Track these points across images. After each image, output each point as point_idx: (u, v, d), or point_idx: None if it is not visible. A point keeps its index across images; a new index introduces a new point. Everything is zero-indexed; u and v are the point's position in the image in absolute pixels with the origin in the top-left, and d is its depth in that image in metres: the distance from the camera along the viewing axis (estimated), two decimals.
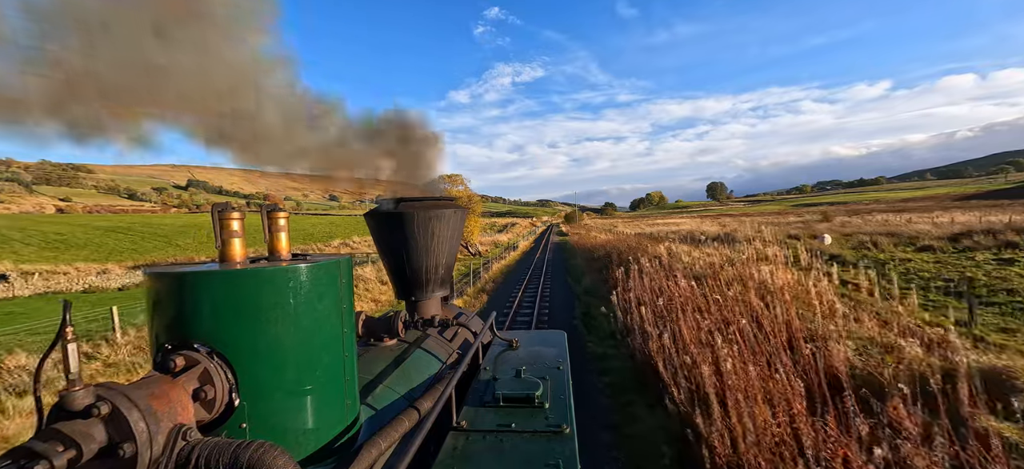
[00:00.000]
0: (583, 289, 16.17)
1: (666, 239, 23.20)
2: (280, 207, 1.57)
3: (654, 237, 28.41)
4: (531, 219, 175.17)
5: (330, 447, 1.46)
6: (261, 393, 1.30)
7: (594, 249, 25.16)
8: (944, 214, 33.08)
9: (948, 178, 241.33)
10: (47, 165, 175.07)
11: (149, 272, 1.30)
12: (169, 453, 1.03)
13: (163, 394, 1.09)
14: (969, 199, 73.53)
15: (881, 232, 21.35)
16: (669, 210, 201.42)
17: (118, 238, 51.62)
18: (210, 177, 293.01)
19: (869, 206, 65.26)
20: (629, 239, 24.83)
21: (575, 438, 1.74)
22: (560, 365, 2.47)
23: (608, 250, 21.06)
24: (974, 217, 25.93)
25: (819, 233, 23.40)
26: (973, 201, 65.00)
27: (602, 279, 15.92)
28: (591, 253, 24.58)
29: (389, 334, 2.47)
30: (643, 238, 25.31)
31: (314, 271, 1.39)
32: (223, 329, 1.25)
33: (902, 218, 31.51)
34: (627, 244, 21.11)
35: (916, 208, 52.56)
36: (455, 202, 2.91)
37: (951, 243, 16.99)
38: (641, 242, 21.15)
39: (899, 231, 21.16)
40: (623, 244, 21.70)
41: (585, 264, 22.70)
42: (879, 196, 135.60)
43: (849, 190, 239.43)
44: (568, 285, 18.01)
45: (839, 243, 20.33)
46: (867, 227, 25.51)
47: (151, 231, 58.76)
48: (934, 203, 66.89)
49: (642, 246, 18.51)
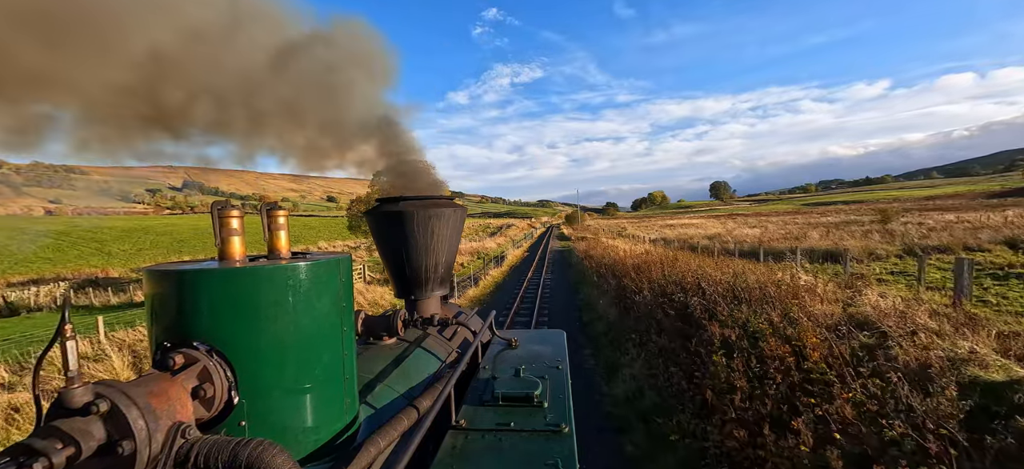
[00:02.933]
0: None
1: (714, 250, 18.73)
2: (279, 206, 1.57)
3: (689, 244, 23.09)
4: (529, 220, 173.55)
5: (329, 445, 1.46)
6: (260, 391, 1.30)
7: (619, 270, 14.10)
8: (993, 212, 29.71)
9: (954, 176, 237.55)
10: (39, 166, 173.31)
11: (148, 270, 1.30)
12: (168, 451, 1.02)
13: (162, 392, 1.09)
14: (1002, 197, 66.64)
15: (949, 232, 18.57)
16: (673, 210, 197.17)
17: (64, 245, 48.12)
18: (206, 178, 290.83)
19: (905, 204, 59.81)
20: (666, 254, 14.96)
21: (574, 437, 1.74)
22: (559, 364, 2.48)
23: (648, 272, 11.42)
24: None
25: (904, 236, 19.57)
26: (1009, 198, 59.13)
27: (669, 355, 6.85)
28: (616, 277, 13.55)
29: (388, 333, 2.46)
30: (681, 250, 18.12)
31: (313, 269, 1.39)
32: (222, 327, 1.25)
33: (973, 216, 27.02)
34: (676, 263, 11.65)
35: (953, 207, 47.65)
36: (454, 201, 2.92)
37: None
38: (689, 259, 12.68)
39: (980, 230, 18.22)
40: (668, 262, 11.87)
41: (617, 314, 10.79)
42: (895, 194, 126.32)
43: (855, 189, 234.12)
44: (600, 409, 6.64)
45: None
46: (942, 228, 21.82)
47: (93, 236, 54.94)
48: (966, 201, 61.67)
49: (708, 272, 9.18)
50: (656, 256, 14.45)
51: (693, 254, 16.07)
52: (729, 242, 24.42)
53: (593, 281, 16.52)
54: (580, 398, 6.57)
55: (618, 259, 16.45)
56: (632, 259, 15.14)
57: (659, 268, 11.50)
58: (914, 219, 29.98)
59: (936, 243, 17.95)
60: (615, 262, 16.13)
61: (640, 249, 19.13)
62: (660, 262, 12.35)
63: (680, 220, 69.43)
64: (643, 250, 18.29)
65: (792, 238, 24.02)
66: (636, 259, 14.77)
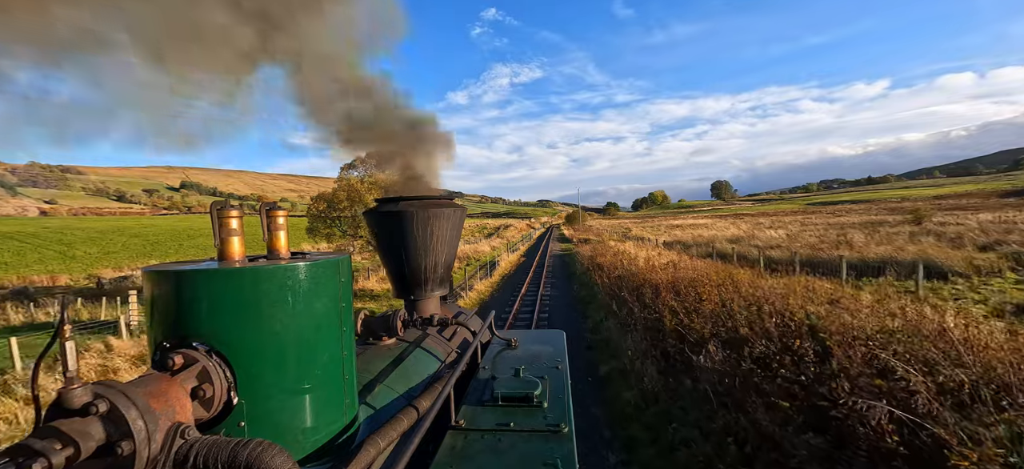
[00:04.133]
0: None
1: (748, 257, 15.31)
2: (278, 206, 1.57)
3: (713, 250, 19.22)
4: (528, 220, 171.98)
5: (329, 446, 1.46)
6: (260, 392, 1.29)
7: (642, 289, 10.39)
8: (1017, 212, 27.98)
9: (957, 175, 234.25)
10: (36, 166, 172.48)
11: (148, 270, 1.30)
12: (167, 451, 1.02)
13: (161, 392, 1.08)
14: (1015, 196, 64.26)
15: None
16: (674, 210, 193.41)
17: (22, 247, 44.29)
18: (204, 179, 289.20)
19: (921, 203, 56.58)
20: (712, 269, 10.74)
21: (574, 437, 1.74)
22: (559, 365, 2.48)
23: (695, 300, 7.82)
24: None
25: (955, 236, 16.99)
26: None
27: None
28: (640, 299, 9.87)
29: (388, 333, 2.46)
30: (705, 257, 14.79)
31: (313, 269, 1.39)
32: (222, 327, 1.25)
33: (1008, 216, 24.77)
34: (740, 286, 8.02)
35: (971, 206, 45.81)
36: (454, 201, 2.92)
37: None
38: (750, 278, 8.90)
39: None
40: (727, 284, 8.27)
41: (658, 376, 6.29)
42: (902, 193, 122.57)
43: (858, 188, 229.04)
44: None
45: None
46: (989, 229, 19.43)
47: (60, 238, 51.02)
48: (979, 201, 59.69)
49: (781, 299, 6.56)
50: (700, 272, 9.75)
51: (746, 269, 10.86)
52: (753, 247, 20.46)
53: (605, 303, 11.81)
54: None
55: (637, 271, 12.25)
56: (659, 273, 10.84)
57: (713, 291, 7.28)
58: (950, 219, 27.15)
59: (1013, 248, 14.83)
60: (634, 276, 11.86)
61: (662, 257, 14.70)
62: (712, 282, 7.95)
63: (685, 220, 67.08)
64: (668, 260, 13.94)
65: (829, 243, 19.87)
66: (667, 274, 10.38)
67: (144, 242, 52.90)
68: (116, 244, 50.24)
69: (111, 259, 41.50)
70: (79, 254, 42.92)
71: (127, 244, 50.60)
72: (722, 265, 12.74)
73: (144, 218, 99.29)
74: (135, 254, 44.10)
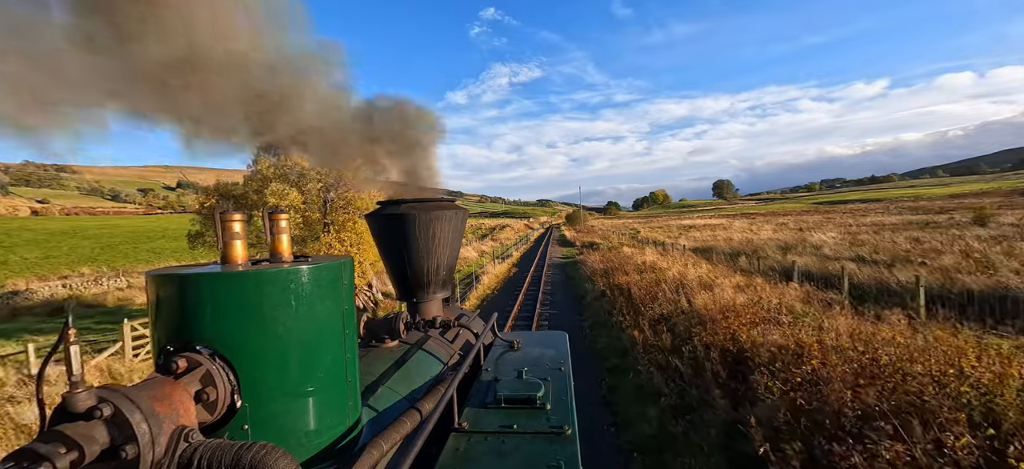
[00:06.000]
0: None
1: (829, 275, 9.66)
2: (281, 210, 1.57)
3: (770, 263, 12.98)
4: (526, 220, 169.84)
5: (332, 449, 1.46)
6: (263, 395, 1.29)
7: (747, 368, 5.09)
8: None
9: (960, 175, 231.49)
10: (29, 166, 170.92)
11: (151, 274, 1.29)
12: (171, 455, 1.02)
13: (165, 396, 1.08)
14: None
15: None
16: (677, 209, 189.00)
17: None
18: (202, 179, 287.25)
19: (951, 203, 53.95)
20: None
21: (577, 439, 1.74)
22: (561, 366, 2.48)
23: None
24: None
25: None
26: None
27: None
28: (749, 392, 4.59)
29: (390, 335, 2.46)
30: (804, 291, 8.04)
31: (316, 273, 1.39)
32: (225, 331, 1.25)
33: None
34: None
35: (1005, 205, 42.82)
36: (455, 203, 2.92)
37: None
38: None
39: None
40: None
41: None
42: (918, 192, 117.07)
43: (860, 188, 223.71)
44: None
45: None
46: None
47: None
48: (1001, 198, 56.60)
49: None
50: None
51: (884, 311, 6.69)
52: (814, 255, 15.29)
53: (652, 380, 6.70)
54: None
55: (706, 314, 7.28)
56: (742, 315, 6.61)
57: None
58: (1009, 219, 23.15)
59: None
60: (701, 320, 7.22)
61: (702, 270, 9.42)
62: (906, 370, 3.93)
63: (693, 220, 64.67)
64: (734, 282, 8.76)
65: (899, 251, 14.65)
66: (780, 332, 5.76)
67: (96, 245, 45.46)
68: (67, 246, 43.29)
69: (52, 263, 35.05)
70: (14, 259, 35.75)
71: (75, 247, 43.00)
72: (822, 293, 8.31)
73: (121, 218, 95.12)
74: (78, 259, 36.64)
